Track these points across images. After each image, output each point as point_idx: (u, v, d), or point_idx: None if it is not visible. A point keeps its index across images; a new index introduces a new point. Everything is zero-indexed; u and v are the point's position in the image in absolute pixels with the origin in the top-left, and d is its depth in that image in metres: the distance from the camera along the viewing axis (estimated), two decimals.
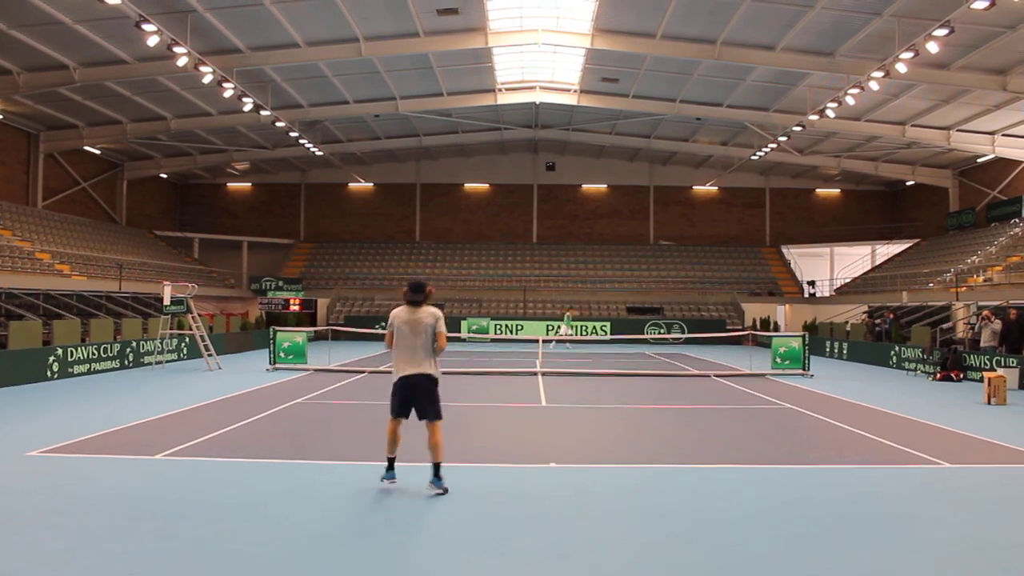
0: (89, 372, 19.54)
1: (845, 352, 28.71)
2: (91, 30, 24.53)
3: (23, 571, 5.54)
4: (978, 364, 20.07)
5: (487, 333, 37.66)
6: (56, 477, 8.33)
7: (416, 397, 7.67)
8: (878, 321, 28.95)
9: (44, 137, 35.11)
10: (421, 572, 5.65)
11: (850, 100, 27.30)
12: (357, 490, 7.88)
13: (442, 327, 7.74)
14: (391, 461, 7.85)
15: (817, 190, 49.69)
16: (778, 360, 21.96)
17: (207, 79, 25.82)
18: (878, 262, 45.49)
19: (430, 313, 7.74)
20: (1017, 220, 35.18)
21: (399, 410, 7.74)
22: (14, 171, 34.11)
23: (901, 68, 23.53)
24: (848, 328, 30.54)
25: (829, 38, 25.83)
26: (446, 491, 7.55)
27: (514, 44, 29.50)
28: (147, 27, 21.65)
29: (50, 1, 22.32)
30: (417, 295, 7.75)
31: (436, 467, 7.58)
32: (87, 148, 37.74)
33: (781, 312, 44.08)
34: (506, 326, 39.17)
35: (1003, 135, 33.06)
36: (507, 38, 28.78)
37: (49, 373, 17.97)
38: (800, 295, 45.01)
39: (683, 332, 37.95)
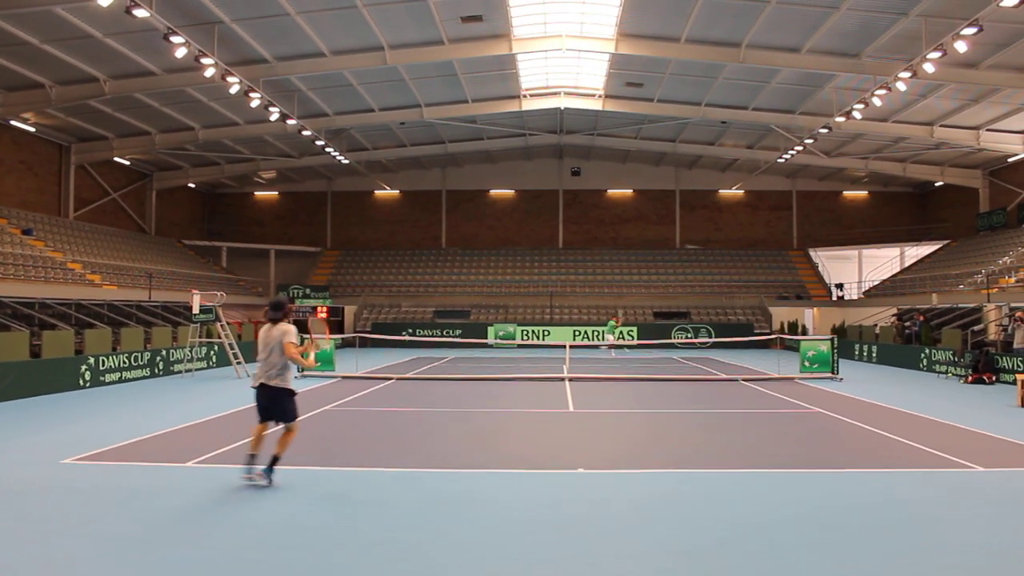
0: (120, 380, 19.81)
1: (874, 355, 28.41)
2: (121, 43, 24.92)
3: None
4: (1011, 366, 19.76)
5: (514, 339, 37.70)
6: (89, 484, 8.47)
7: (268, 406, 8.40)
8: (908, 323, 28.60)
9: (75, 149, 35.70)
10: None
11: (877, 101, 27.02)
12: (385, 496, 7.94)
13: (289, 339, 8.32)
14: (251, 458, 8.18)
15: (844, 192, 49.18)
16: (806, 364, 21.81)
17: (234, 89, 26.11)
18: (907, 264, 44.89)
19: (280, 330, 8.37)
20: None
21: (261, 415, 8.44)
22: (46, 183, 34.72)
23: (929, 68, 23.21)
24: (877, 331, 30.19)
25: (855, 39, 25.60)
26: (270, 484, 8.19)
27: (538, 50, 29.50)
28: (175, 39, 21.95)
29: (81, 15, 22.71)
30: (276, 313, 8.48)
31: (274, 459, 8.24)
32: (117, 159, 38.36)
33: (809, 315, 43.70)
34: (533, 332, 39.18)
35: None
36: (531, 44, 28.81)
37: (81, 382, 18.26)
38: (828, 298, 44.55)
39: (710, 336, 37.83)
